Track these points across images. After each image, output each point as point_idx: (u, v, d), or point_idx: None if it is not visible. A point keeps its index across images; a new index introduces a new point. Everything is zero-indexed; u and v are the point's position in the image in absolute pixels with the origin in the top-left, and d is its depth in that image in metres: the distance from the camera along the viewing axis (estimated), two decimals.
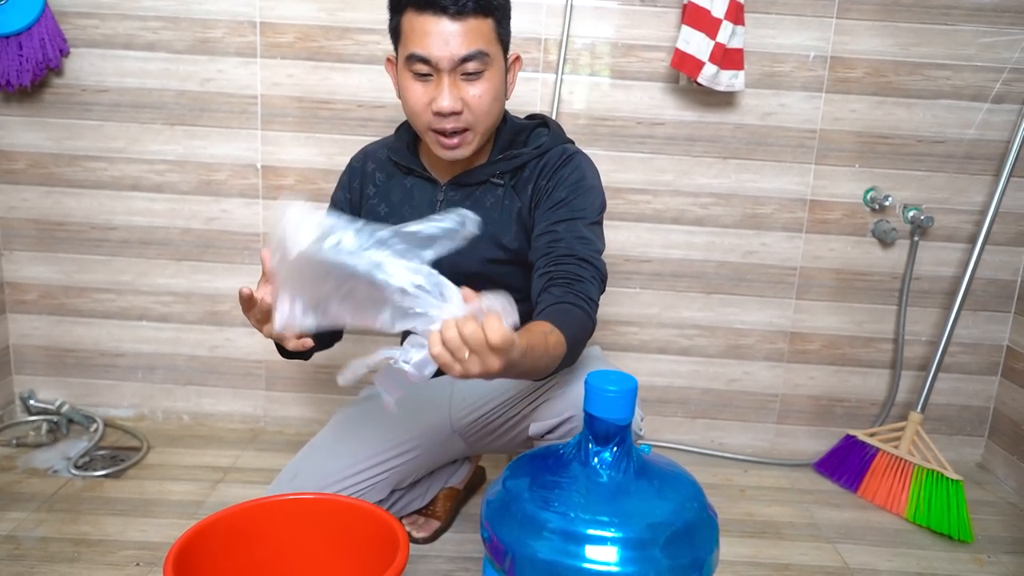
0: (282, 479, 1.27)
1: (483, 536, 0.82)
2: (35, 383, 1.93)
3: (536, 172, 1.23)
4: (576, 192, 1.19)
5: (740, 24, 1.64)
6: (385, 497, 1.32)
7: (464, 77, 1.12)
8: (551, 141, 1.25)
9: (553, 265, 1.10)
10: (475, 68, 1.12)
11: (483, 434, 1.29)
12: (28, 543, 1.40)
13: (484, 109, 1.15)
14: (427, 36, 1.09)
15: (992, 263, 1.83)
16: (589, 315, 1.06)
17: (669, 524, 0.77)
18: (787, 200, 1.83)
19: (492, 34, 1.13)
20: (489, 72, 1.14)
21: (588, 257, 1.11)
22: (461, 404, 1.29)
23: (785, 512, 1.67)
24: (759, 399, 1.94)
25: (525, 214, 1.23)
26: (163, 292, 1.87)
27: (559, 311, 1.02)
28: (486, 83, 1.14)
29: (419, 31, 1.10)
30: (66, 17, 1.73)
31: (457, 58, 1.10)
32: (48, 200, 1.83)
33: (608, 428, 0.81)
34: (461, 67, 1.11)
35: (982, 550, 1.55)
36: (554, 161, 1.22)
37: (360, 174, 1.34)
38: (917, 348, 1.89)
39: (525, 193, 1.23)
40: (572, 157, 1.23)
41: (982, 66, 1.75)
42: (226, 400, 1.94)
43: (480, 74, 1.13)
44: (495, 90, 1.15)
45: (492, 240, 1.23)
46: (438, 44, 1.09)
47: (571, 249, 1.12)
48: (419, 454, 1.32)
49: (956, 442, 1.95)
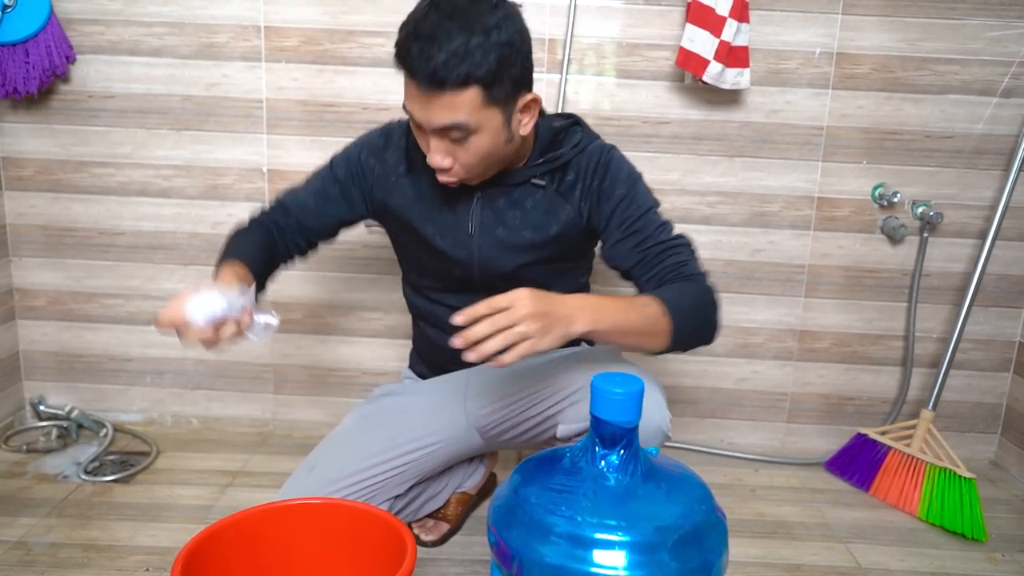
0: (299, 473, 1.27)
1: (490, 540, 0.82)
2: (45, 388, 1.94)
3: (582, 173, 1.22)
4: (632, 186, 1.21)
5: (745, 21, 1.63)
6: (403, 493, 1.32)
7: (451, 139, 1.08)
8: (586, 139, 1.25)
9: (655, 266, 1.16)
10: (457, 136, 1.07)
11: (500, 430, 1.28)
12: (38, 549, 1.40)
13: (475, 163, 1.12)
14: (410, 97, 1.07)
15: (1003, 258, 1.82)
16: (703, 287, 1.15)
17: (677, 527, 0.77)
18: (794, 198, 1.81)
19: (478, 102, 1.04)
20: (477, 136, 1.08)
21: (676, 242, 1.18)
22: (477, 398, 1.29)
23: (796, 512, 1.66)
24: (769, 398, 1.93)
25: (574, 217, 1.22)
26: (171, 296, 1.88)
27: (666, 291, 1.11)
28: (474, 145, 1.09)
29: (407, 87, 1.07)
30: (72, 24, 1.73)
31: (436, 127, 1.06)
32: (56, 206, 1.84)
33: (615, 431, 0.81)
34: (442, 133, 1.08)
35: (996, 549, 1.53)
36: (596, 159, 1.22)
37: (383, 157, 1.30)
38: (928, 345, 1.88)
39: (573, 196, 1.22)
40: (612, 152, 1.24)
41: (990, 60, 1.73)
42: (235, 404, 1.94)
43: (465, 139, 1.08)
44: (487, 147, 1.10)
45: (527, 243, 1.23)
46: (418, 108, 1.06)
47: (659, 241, 1.17)
48: (437, 448, 1.30)
49: (969, 439, 1.93)
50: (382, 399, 1.38)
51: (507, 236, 1.23)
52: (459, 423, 1.30)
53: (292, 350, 1.91)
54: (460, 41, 1.00)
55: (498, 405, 1.26)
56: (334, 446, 1.30)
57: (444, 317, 1.26)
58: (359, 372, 1.91)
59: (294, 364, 1.91)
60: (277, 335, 1.89)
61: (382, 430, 1.30)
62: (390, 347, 1.90)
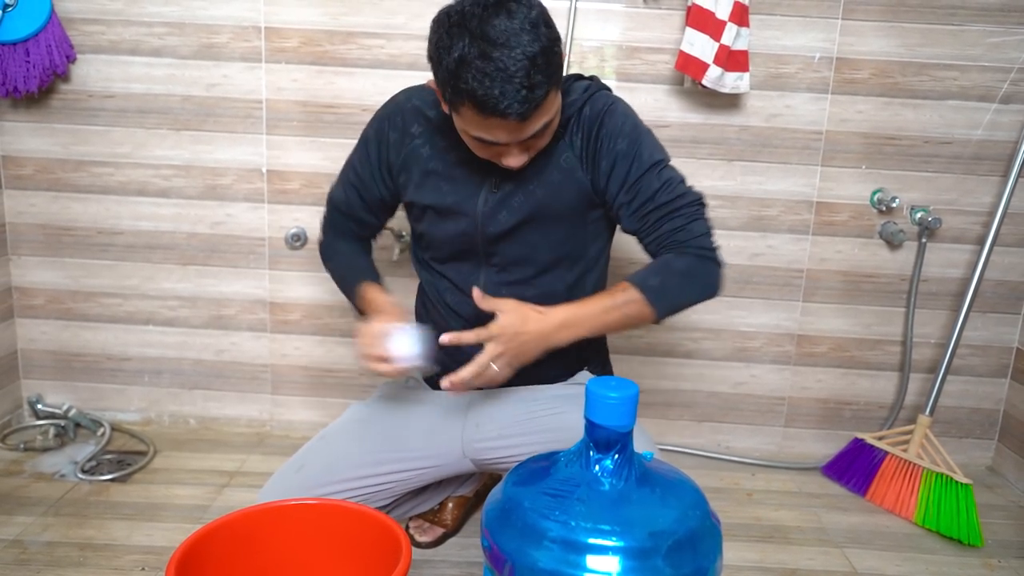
0: (287, 469, 1.26)
1: (483, 544, 0.82)
2: (43, 387, 1.94)
3: (584, 121, 1.18)
4: (636, 140, 1.17)
5: (744, 26, 1.63)
6: (389, 503, 1.31)
7: (534, 137, 1.10)
8: (595, 86, 1.23)
9: (652, 233, 1.17)
10: (541, 131, 1.10)
11: (494, 462, 1.27)
12: (34, 547, 1.41)
13: (544, 144, 1.15)
14: (493, 128, 1.06)
15: (1001, 264, 1.82)
16: (694, 256, 1.14)
17: (672, 532, 0.76)
18: (793, 202, 1.81)
19: (554, 98, 1.08)
20: (552, 121, 1.11)
21: (676, 205, 1.15)
22: (474, 431, 1.27)
23: (793, 516, 1.66)
24: (766, 402, 1.93)
25: (574, 163, 1.19)
26: (169, 296, 1.88)
27: (653, 272, 1.14)
28: (549, 131, 1.12)
29: (483, 125, 1.06)
30: (72, 24, 1.73)
31: (527, 136, 1.08)
32: (55, 205, 1.84)
33: (609, 435, 0.81)
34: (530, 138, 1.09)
35: (992, 555, 1.53)
36: (600, 107, 1.18)
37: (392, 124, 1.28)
38: (926, 350, 1.88)
39: (575, 144, 1.19)
40: (616, 103, 1.20)
41: (989, 66, 1.73)
42: (232, 404, 1.94)
43: (544, 131, 1.10)
44: (555, 125, 1.13)
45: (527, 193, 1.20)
46: (505, 135, 1.06)
47: (658, 205, 1.15)
48: (427, 471, 1.29)
49: (966, 445, 1.93)
50: (381, 402, 1.36)
51: (513, 186, 1.19)
52: (454, 451, 1.28)
53: (290, 351, 1.91)
54: (527, 65, 0.99)
55: (497, 443, 1.25)
56: (326, 447, 1.28)
57: (448, 292, 1.27)
58: (357, 373, 1.91)
59: (292, 365, 1.92)
60: (275, 335, 1.90)
61: (377, 442, 1.28)
62: None
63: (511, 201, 1.19)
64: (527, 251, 1.22)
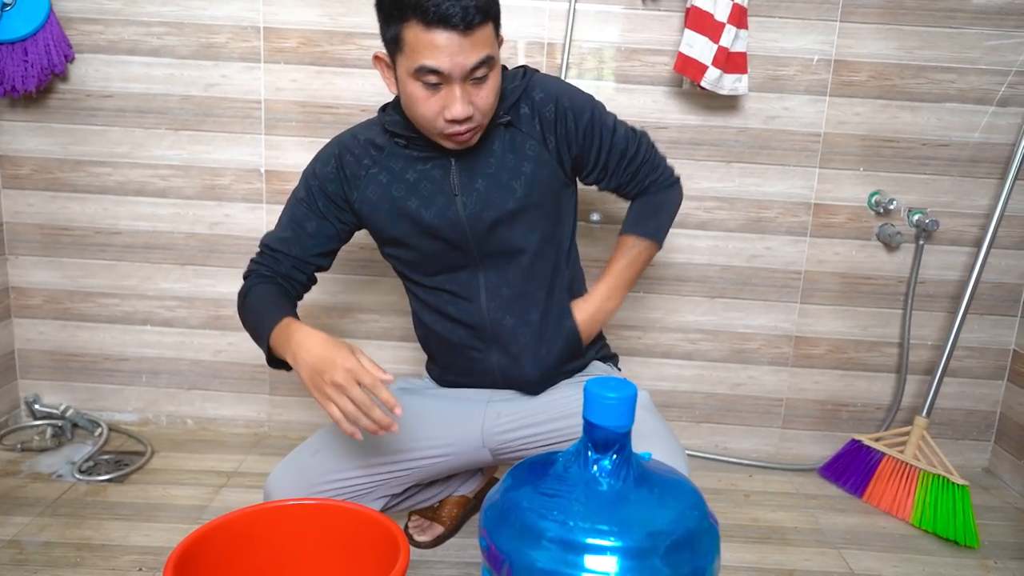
0: (302, 452, 1.26)
1: (481, 544, 0.81)
2: (40, 387, 1.93)
3: (536, 106, 1.24)
4: (592, 108, 1.27)
5: (743, 28, 1.64)
6: (400, 492, 1.32)
7: (472, 81, 1.13)
8: (531, 70, 1.28)
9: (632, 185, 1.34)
10: (483, 73, 1.12)
11: (513, 453, 1.28)
12: (31, 548, 1.40)
13: (490, 105, 1.17)
14: (437, 49, 1.09)
15: (998, 267, 1.82)
16: (668, 189, 1.37)
17: (670, 533, 0.76)
18: (791, 204, 1.82)
19: (493, 36, 1.14)
20: (493, 72, 1.15)
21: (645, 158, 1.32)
22: (496, 421, 1.28)
23: (790, 517, 1.66)
24: (764, 403, 1.93)
25: (539, 150, 1.25)
26: (167, 297, 1.88)
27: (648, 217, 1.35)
28: (491, 82, 1.15)
29: (427, 44, 1.09)
30: (71, 23, 1.73)
31: (468, 68, 1.10)
32: (53, 205, 1.83)
33: (608, 435, 0.81)
34: (471, 74, 1.12)
35: (988, 556, 1.54)
36: (546, 88, 1.25)
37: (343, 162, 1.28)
38: (923, 352, 1.88)
39: (534, 129, 1.24)
40: (559, 80, 1.30)
41: (987, 69, 1.74)
42: (230, 404, 1.94)
43: (486, 76, 1.14)
44: (497, 86, 1.17)
45: (505, 187, 1.23)
46: (448, 56, 1.09)
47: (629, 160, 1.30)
48: (446, 459, 1.30)
49: (962, 447, 1.93)
50: (400, 395, 1.32)
51: (487, 186, 1.22)
52: (474, 439, 1.29)
53: None
54: None
55: (518, 433, 1.26)
56: (344, 434, 1.24)
57: (449, 304, 1.27)
58: None
59: None
60: None
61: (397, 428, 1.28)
62: (387, 349, 1.90)
63: (492, 198, 1.22)
64: (519, 243, 1.26)
